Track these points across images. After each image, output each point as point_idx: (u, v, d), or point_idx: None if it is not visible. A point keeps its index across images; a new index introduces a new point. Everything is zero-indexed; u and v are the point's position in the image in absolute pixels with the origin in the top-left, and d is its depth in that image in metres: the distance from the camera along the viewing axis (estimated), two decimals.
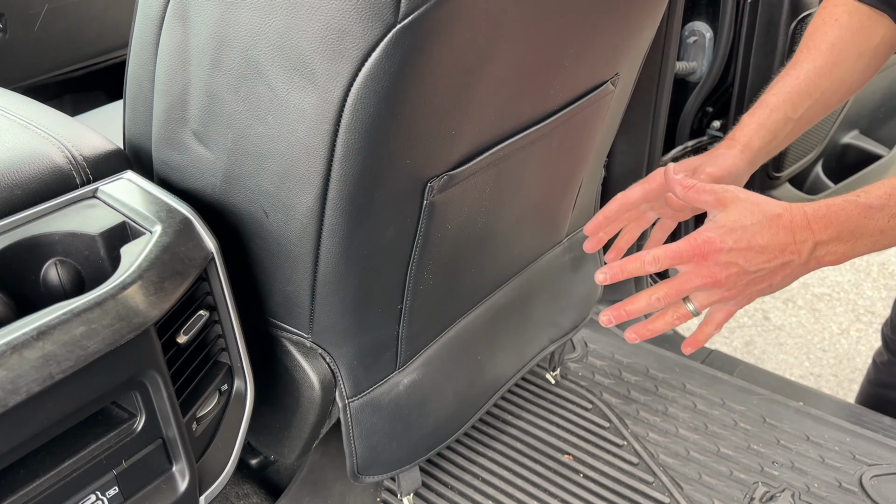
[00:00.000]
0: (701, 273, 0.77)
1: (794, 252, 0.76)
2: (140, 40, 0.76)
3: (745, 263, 0.76)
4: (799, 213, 0.76)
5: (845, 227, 0.76)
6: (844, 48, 0.94)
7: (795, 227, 0.76)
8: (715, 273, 0.77)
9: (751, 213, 0.77)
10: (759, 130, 0.92)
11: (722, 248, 0.76)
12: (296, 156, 0.69)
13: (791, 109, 0.93)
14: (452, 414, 1.05)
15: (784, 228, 0.76)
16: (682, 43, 1.49)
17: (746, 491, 1.16)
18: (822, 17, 0.97)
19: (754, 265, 0.76)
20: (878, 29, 0.95)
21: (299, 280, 0.78)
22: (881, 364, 1.37)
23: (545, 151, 0.92)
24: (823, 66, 0.93)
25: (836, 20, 0.95)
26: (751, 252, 0.76)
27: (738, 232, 0.76)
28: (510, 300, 1.08)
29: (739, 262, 0.76)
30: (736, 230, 0.76)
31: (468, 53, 0.68)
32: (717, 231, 0.76)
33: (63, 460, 0.63)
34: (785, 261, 0.76)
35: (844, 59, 0.94)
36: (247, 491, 1.19)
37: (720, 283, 0.77)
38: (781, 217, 0.76)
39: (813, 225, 0.76)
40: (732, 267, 0.76)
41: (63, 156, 0.72)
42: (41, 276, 0.68)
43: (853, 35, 0.94)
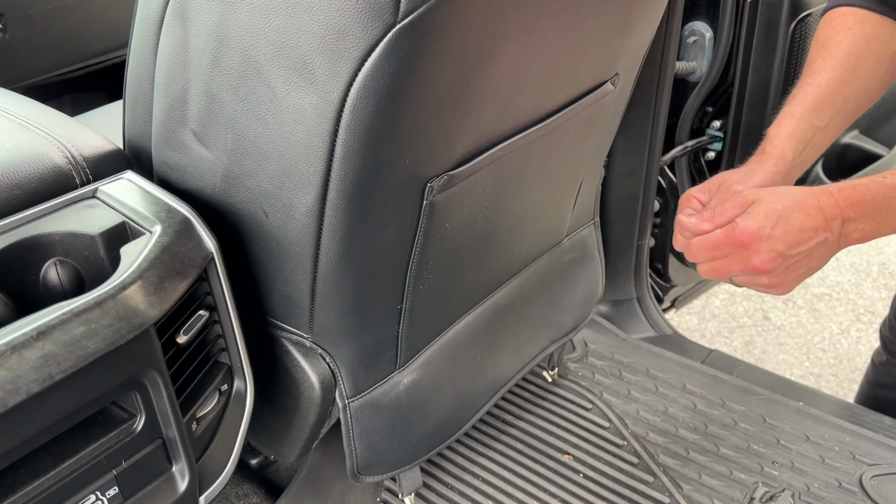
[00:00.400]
0: (743, 261, 0.79)
1: (826, 230, 0.78)
2: (140, 40, 0.76)
3: (785, 248, 0.78)
4: (825, 194, 0.78)
5: (871, 206, 0.79)
6: (862, 56, 0.93)
7: (824, 206, 0.78)
8: (755, 261, 0.78)
9: (780, 200, 0.78)
10: (789, 140, 0.91)
11: (761, 234, 0.77)
12: (296, 156, 0.69)
13: (817, 118, 0.92)
14: (452, 414, 1.05)
15: (814, 209, 0.78)
16: (682, 43, 1.49)
17: (746, 491, 1.16)
18: (831, 26, 0.96)
19: (793, 248, 0.78)
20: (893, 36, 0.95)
21: (299, 280, 0.78)
22: (880, 364, 1.37)
23: (545, 151, 0.92)
24: (843, 74, 0.93)
25: (848, 29, 0.94)
26: (788, 236, 0.77)
27: (774, 217, 0.77)
28: (510, 300, 1.08)
29: (779, 248, 0.77)
30: (771, 216, 0.77)
31: (468, 53, 0.68)
32: (755, 219, 0.78)
33: (63, 460, 0.63)
34: (820, 240, 0.78)
35: (862, 66, 0.93)
36: (247, 491, 1.19)
37: (762, 271, 0.79)
38: (809, 199, 0.78)
39: (840, 203, 0.78)
40: (773, 253, 0.78)
41: (63, 156, 0.72)
42: (41, 276, 0.68)
43: (868, 43, 0.94)
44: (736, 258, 0.80)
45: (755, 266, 0.79)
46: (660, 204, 1.61)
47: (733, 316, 2.39)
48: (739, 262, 0.80)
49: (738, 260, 0.80)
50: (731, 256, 0.80)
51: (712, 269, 0.83)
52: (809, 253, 0.79)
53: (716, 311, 2.41)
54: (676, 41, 1.39)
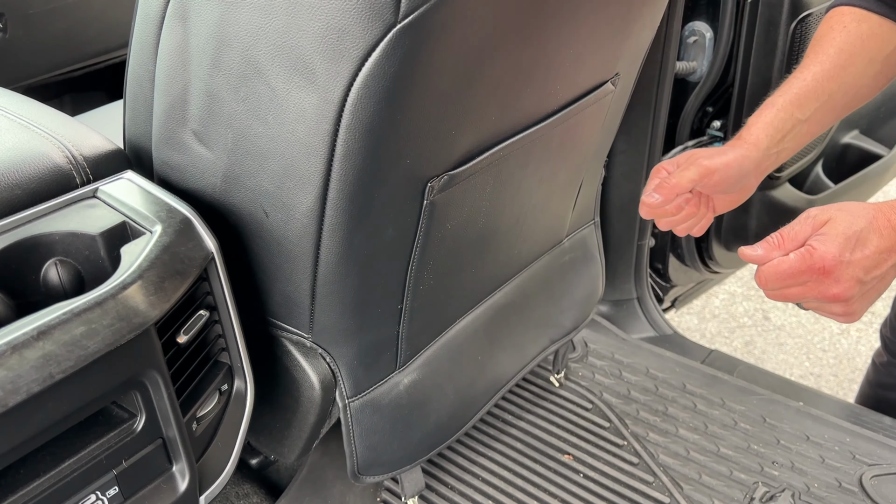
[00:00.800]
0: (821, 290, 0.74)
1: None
2: (140, 40, 0.76)
3: (864, 274, 0.73)
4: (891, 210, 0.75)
5: None
6: (854, 52, 0.93)
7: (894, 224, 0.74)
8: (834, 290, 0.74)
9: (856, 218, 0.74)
10: (766, 129, 0.90)
11: (843, 260, 0.73)
12: (296, 156, 0.69)
13: (798, 110, 0.91)
14: (453, 414, 1.05)
15: (887, 229, 0.74)
16: (682, 43, 1.49)
17: (746, 491, 1.16)
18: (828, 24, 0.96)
19: (871, 274, 0.74)
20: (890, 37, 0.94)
21: (299, 280, 0.78)
22: (880, 365, 1.37)
23: (545, 151, 0.92)
24: (831, 69, 0.92)
25: (844, 27, 0.94)
26: (867, 260, 0.73)
27: (854, 240, 0.73)
28: (510, 300, 1.08)
29: (859, 274, 0.73)
30: (851, 237, 0.73)
31: (468, 53, 0.68)
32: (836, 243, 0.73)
33: (63, 460, 0.63)
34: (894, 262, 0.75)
35: (853, 63, 0.93)
36: (247, 491, 1.19)
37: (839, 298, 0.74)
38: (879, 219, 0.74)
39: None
40: (853, 281, 0.73)
41: (63, 156, 0.72)
42: (41, 276, 0.68)
43: (863, 41, 0.93)
44: (814, 286, 0.74)
45: (834, 295, 0.74)
46: None
47: (733, 316, 2.39)
48: (817, 291, 0.74)
49: (815, 288, 0.74)
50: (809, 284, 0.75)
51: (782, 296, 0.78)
52: (883, 276, 0.75)
53: (716, 311, 2.41)
54: (676, 41, 1.39)
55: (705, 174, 0.84)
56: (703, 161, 0.87)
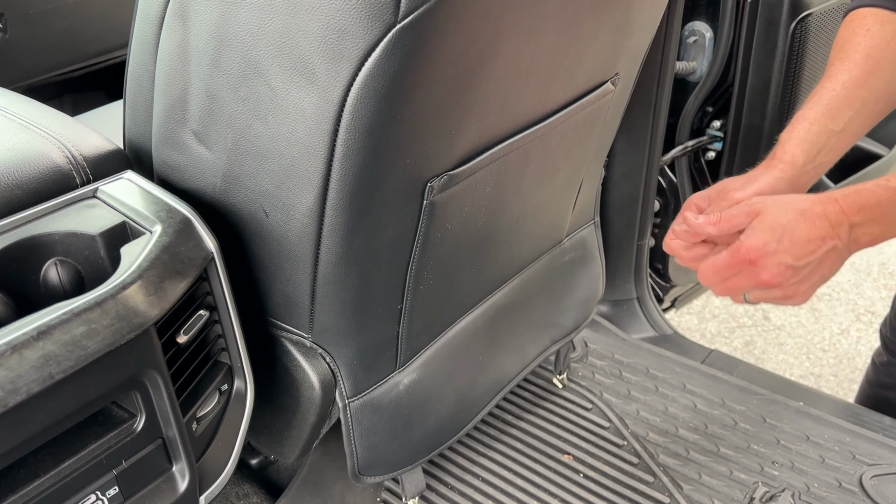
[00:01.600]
0: (753, 277, 0.79)
1: (834, 237, 0.78)
2: (140, 40, 0.76)
3: (794, 261, 0.77)
4: (830, 201, 0.78)
5: (877, 210, 0.78)
6: (881, 57, 0.92)
7: (829, 213, 0.78)
8: (765, 277, 0.78)
9: (784, 213, 0.78)
10: (801, 144, 0.89)
11: (767, 251, 0.77)
12: (296, 156, 0.69)
13: (831, 121, 0.90)
14: (454, 414, 1.05)
15: (819, 218, 0.77)
16: (682, 43, 1.49)
17: (746, 491, 1.16)
18: (850, 28, 0.94)
19: (802, 259, 0.78)
20: None
21: (299, 280, 0.78)
22: (880, 365, 1.37)
23: (545, 151, 0.92)
24: (860, 75, 0.91)
25: (867, 30, 0.93)
26: (795, 247, 0.77)
27: (779, 231, 0.77)
28: (511, 300, 1.08)
29: (787, 260, 0.77)
30: (776, 229, 0.77)
31: (468, 53, 0.68)
32: (760, 235, 0.78)
33: (63, 460, 0.63)
34: (829, 248, 0.78)
35: (882, 67, 0.91)
36: (247, 491, 1.19)
37: (773, 285, 0.79)
38: (814, 208, 0.78)
39: (846, 209, 0.78)
40: (781, 266, 0.78)
41: (63, 156, 0.72)
42: (41, 276, 0.68)
43: (888, 43, 0.92)
44: (746, 275, 0.80)
45: (765, 281, 0.79)
46: (660, 204, 1.61)
47: (733, 316, 2.39)
48: (749, 279, 0.80)
49: (747, 277, 0.80)
50: (741, 274, 0.80)
51: (725, 289, 0.83)
52: (820, 262, 0.79)
53: (716, 311, 2.41)
54: (676, 41, 1.39)
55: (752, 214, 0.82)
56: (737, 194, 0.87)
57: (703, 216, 0.83)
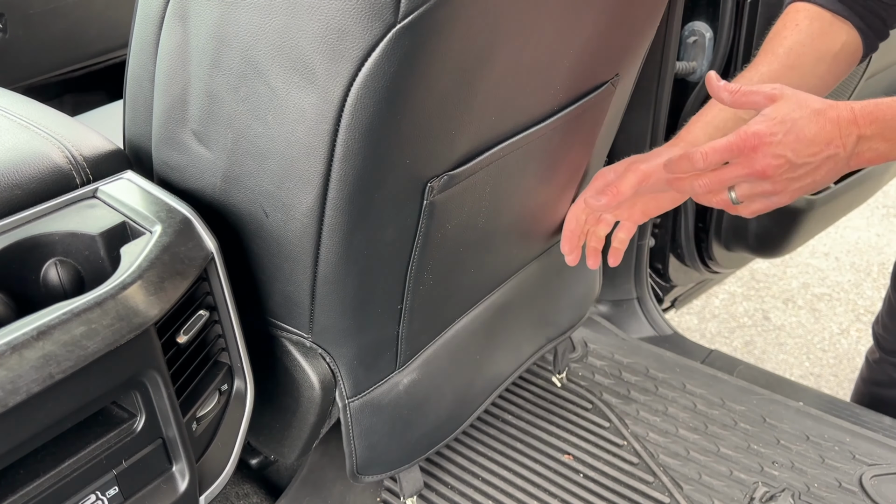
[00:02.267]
0: (748, 164, 0.78)
1: (839, 145, 0.77)
2: (140, 40, 0.76)
3: (793, 156, 0.77)
4: (846, 108, 0.78)
5: (891, 125, 0.78)
6: (802, 52, 0.94)
7: (842, 120, 0.77)
8: (762, 164, 0.77)
9: (799, 107, 0.77)
10: (705, 127, 0.92)
11: (772, 140, 0.77)
12: (296, 156, 0.69)
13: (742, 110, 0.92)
14: (451, 413, 1.05)
15: (831, 121, 0.77)
16: (682, 43, 1.49)
17: (746, 491, 1.16)
18: (783, 21, 0.97)
19: (802, 157, 0.77)
20: (838, 35, 0.95)
21: (299, 280, 0.78)
22: (873, 362, 1.37)
23: (545, 152, 0.92)
24: (779, 69, 0.93)
25: (796, 25, 0.95)
26: (799, 144, 0.77)
27: (788, 124, 0.77)
28: (509, 300, 1.08)
29: (787, 154, 0.77)
30: (785, 122, 0.77)
31: (468, 53, 0.68)
32: (767, 123, 0.77)
33: (63, 460, 0.63)
34: (830, 154, 0.77)
35: (801, 63, 0.94)
36: (247, 491, 1.19)
37: (766, 175, 0.78)
38: (828, 111, 0.77)
39: (859, 119, 0.77)
40: (780, 159, 0.77)
41: (63, 156, 0.72)
42: (41, 276, 0.68)
43: (812, 40, 0.94)
44: (741, 162, 0.78)
45: (758, 171, 0.78)
46: None
47: (733, 316, 2.39)
48: (743, 166, 0.78)
49: (742, 164, 0.78)
50: (736, 162, 0.79)
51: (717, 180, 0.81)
52: (817, 166, 0.78)
53: (716, 311, 2.41)
54: (676, 41, 1.39)
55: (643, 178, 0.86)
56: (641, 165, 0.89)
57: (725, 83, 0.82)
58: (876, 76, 1.63)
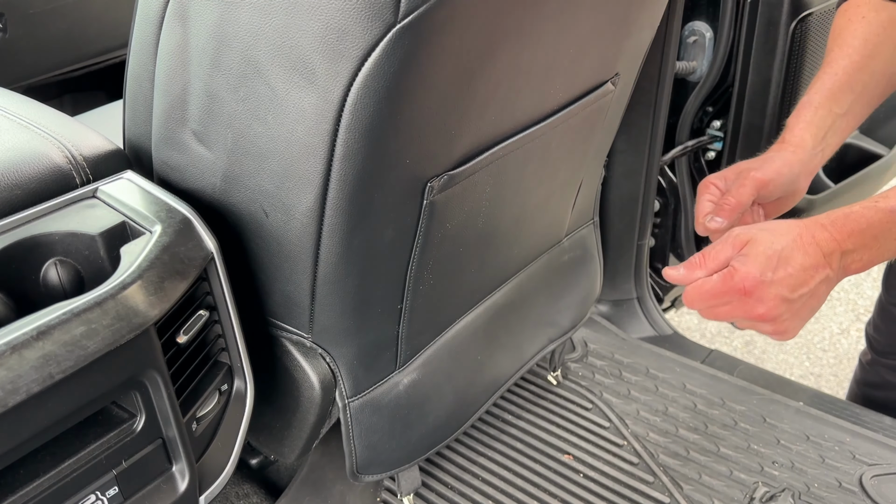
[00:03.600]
0: (746, 310, 0.75)
1: (825, 266, 0.75)
2: (140, 40, 0.76)
3: (788, 292, 0.74)
4: (819, 228, 0.75)
5: (868, 234, 0.75)
6: (878, 42, 0.93)
7: (820, 241, 0.75)
8: (759, 310, 0.75)
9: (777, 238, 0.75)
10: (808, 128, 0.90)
11: (764, 280, 0.73)
12: (296, 156, 0.69)
13: (835, 105, 0.91)
14: (452, 413, 1.05)
15: (812, 246, 0.75)
16: (682, 43, 1.49)
17: (746, 491, 1.16)
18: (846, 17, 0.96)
19: (797, 291, 0.74)
20: None
21: (299, 280, 0.78)
22: (867, 364, 1.38)
23: (545, 151, 0.92)
24: (859, 60, 0.92)
25: (862, 17, 0.94)
26: (791, 278, 0.74)
27: (775, 259, 0.74)
28: (510, 300, 1.08)
29: (783, 292, 0.74)
30: (772, 257, 0.74)
31: (468, 53, 0.68)
32: (755, 263, 0.74)
33: (63, 460, 0.63)
34: (821, 278, 0.75)
35: (880, 52, 0.92)
36: (247, 491, 1.19)
37: (766, 319, 0.75)
38: (804, 235, 0.75)
39: (836, 236, 0.75)
40: (777, 299, 0.74)
41: (63, 156, 0.72)
42: (41, 276, 0.68)
43: (884, 29, 0.93)
44: (738, 306, 0.75)
45: (760, 315, 0.75)
46: (660, 204, 1.61)
47: None
48: (742, 311, 0.76)
49: (740, 308, 0.76)
50: (733, 304, 0.76)
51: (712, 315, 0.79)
52: (812, 293, 0.76)
53: None
54: (676, 41, 1.39)
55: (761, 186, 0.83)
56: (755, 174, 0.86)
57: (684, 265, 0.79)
58: None
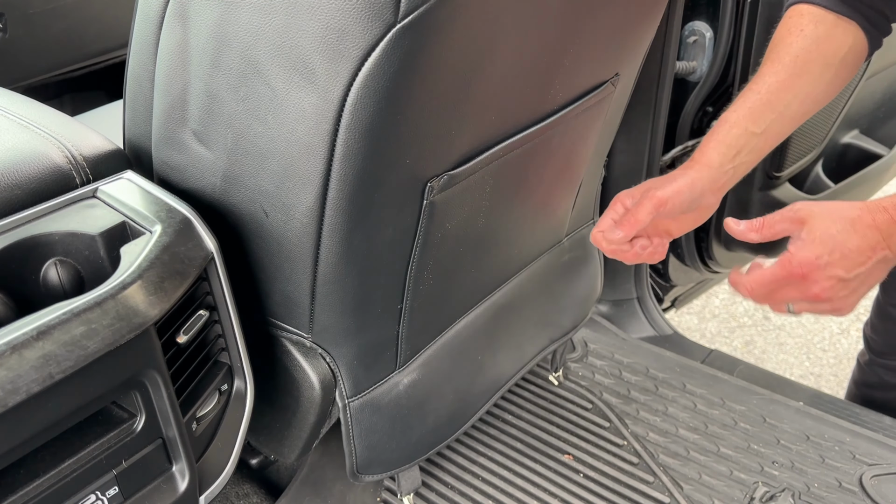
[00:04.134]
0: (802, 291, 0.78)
1: (884, 248, 0.76)
2: (140, 40, 0.76)
3: (844, 273, 0.76)
4: (880, 210, 0.77)
5: None
6: (809, 59, 0.91)
7: (880, 223, 0.76)
8: (815, 290, 0.77)
9: (833, 222, 0.77)
10: (718, 147, 0.90)
11: (819, 264, 0.76)
12: (296, 155, 0.69)
13: (752, 124, 0.90)
14: (452, 414, 1.05)
15: (869, 228, 0.76)
16: (682, 43, 1.49)
17: (746, 491, 1.16)
18: (786, 27, 0.94)
19: (853, 271, 0.76)
20: (845, 38, 0.92)
21: (299, 280, 0.78)
22: (864, 364, 1.38)
23: (545, 151, 0.92)
24: (786, 79, 0.91)
25: (801, 31, 0.92)
26: (846, 260, 0.76)
27: (829, 243, 0.76)
28: (510, 300, 1.08)
29: (839, 273, 0.76)
30: (827, 242, 0.76)
31: (468, 53, 0.68)
32: (811, 248, 0.76)
33: (63, 460, 0.63)
34: (879, 258, 0.77)
35: (809, 70, 0.91)
36: (247, 491, 1.19)
37: (822, 299, 0.78)
38: (864, 217, 0.76)
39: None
40: (832, 280, 0.76)
41: (63, 156, 0.72)
42: (41, 276, 0.68)
43: (818, 46, 0.91)
44: (795, 288, 0.78)
45: (815, 295, 0.77)
46: None
47: (733, 316, 2.39)
48: (799, 292, 0.78)
49: (797, 290, 0.78)
50: (790, 286, 0.78)
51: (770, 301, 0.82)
52: (869, 273, 0.77)
53: (716, 311, 2.41)
54: (676, 41, 1.39)
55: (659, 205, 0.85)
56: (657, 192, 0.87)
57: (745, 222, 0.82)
58: (876, 76, 1.63)
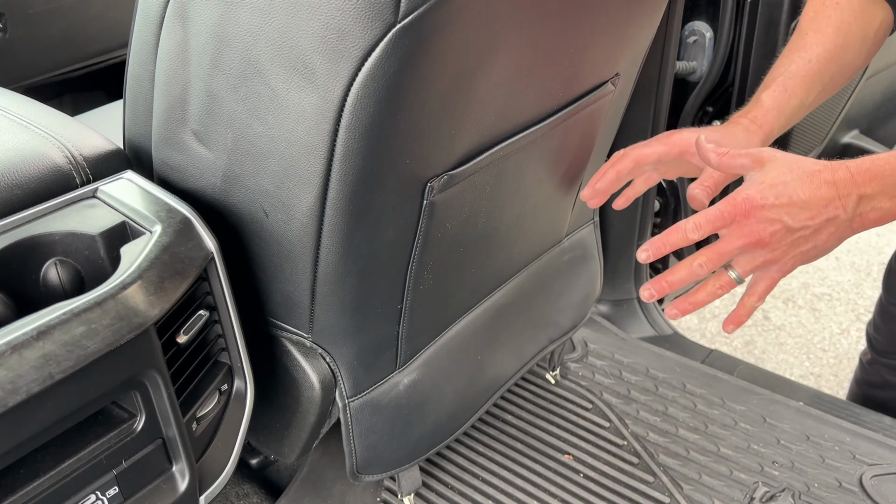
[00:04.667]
0: (743, 232, 0.74)
1: (838, 207, 0.73)
2: (140, 40, 0.76)
3: (789, 219, 0.73)
4: (841, 168, 0.74)
5: (890, 181, 0.73)
6: (849, 31, 0.91)
7: (838, 180, 0.73)
8: (757, 231, 0.74)
9: (790, 170, 0.74)
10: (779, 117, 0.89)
11: (763, 203, 0.73)
12: (296, 156, 0.69)
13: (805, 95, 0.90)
14: (452, 414, 1.05)
15: (826, 182, 0.73)
16: (682, 43, 1.49)
17: (746, 491, 1.16)
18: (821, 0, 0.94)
19: (798, 221, 0.73)
20: (877, 12, 0.93)
21: (299, 280, 0.78)
22: (867, 363, 1.38)
23: (545, 151, 0.92)
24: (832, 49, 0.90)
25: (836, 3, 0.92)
26: (793, 207, 0.73)
27: (779, 187, 0.73)
28: (510, 300, 1.08)
29: (783, 218, 0.73)
30: (776, 185, 0.73)
31: (468, 53, 0.68)
32: (757, 188, 0.74)
33: (63, 460, 0.63)
34: (829, 216, 0.73)
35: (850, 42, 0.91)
36: (247, 491, 1.19)
37: (763, 243, 0.74)
38: (822, 172, 0.73)
39: (857, 177, 0.73)
40: (776, 223, 0.73)
41: (63, 156, 0.72)
42: (41, 276, 0.68)
43: (856, 18, 0.91)
44: (735, 231, 0.75)
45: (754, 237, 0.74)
46: (660, 204, 1.61)
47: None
48: (738, 235, 0.75)
49: (736, 233, 0.75)
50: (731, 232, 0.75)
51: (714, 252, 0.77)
52: (817, 229, 0.74)
53: (716, 311, 2.41)
54: (676, 41, 1.39)
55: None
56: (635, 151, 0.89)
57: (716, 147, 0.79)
58: (876, 76, 1.63)
